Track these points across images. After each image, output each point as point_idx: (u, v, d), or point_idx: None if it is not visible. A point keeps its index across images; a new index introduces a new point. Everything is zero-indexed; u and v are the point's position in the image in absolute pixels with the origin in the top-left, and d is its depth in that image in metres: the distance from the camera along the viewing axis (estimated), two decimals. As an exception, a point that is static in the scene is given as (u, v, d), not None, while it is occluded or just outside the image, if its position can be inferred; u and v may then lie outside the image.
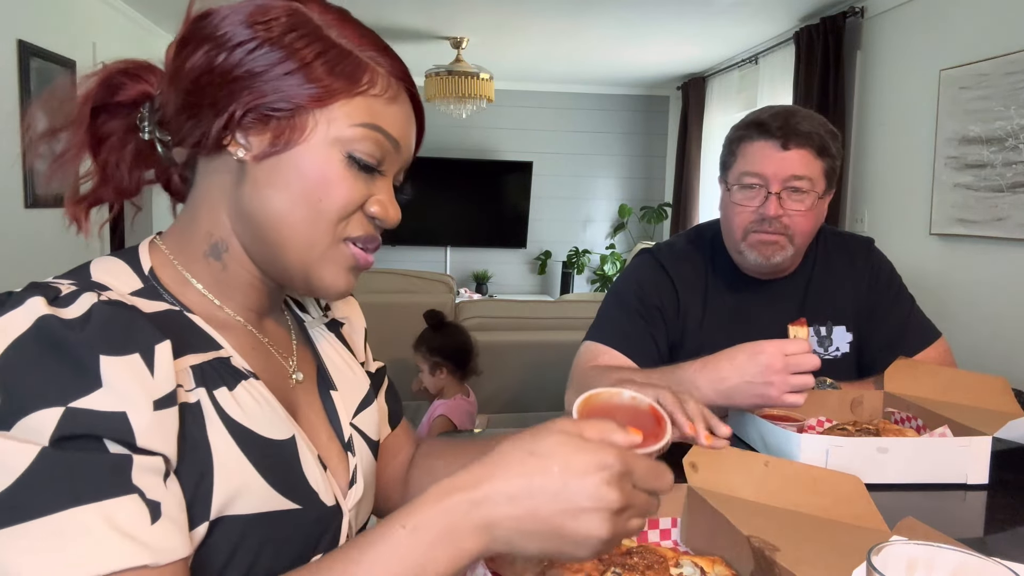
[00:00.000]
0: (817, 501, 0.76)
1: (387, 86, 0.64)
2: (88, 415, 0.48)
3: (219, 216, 0.65)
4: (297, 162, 0.61)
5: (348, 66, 0.62)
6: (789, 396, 1.04)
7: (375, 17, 4.18)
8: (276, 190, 0.62)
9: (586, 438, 0.51)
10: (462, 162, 6.12)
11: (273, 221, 0.62)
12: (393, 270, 3.43)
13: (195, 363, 0.58)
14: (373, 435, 0.77)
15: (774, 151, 1.27)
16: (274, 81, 0.60)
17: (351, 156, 0.62)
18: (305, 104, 0.60)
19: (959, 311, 2.85)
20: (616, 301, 1.40)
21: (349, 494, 0.69)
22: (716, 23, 4.15)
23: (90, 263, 0.62)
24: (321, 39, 0.62)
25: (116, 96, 0.64)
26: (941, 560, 0.48)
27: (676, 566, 0.66)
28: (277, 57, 0.60)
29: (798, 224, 1.28)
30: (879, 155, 3.45)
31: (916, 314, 1.42)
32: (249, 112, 0.60)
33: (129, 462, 0.49)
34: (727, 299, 1.38)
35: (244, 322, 0.67)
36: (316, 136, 0.61)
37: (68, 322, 0.50)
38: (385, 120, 0.63)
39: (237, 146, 0.61)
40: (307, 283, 0.66)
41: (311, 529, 0.62)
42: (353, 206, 0.63)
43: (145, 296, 0.61)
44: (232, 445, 0.57)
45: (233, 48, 0.60)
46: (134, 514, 0.48)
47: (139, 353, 0.51)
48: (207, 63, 0.60)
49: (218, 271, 0.66)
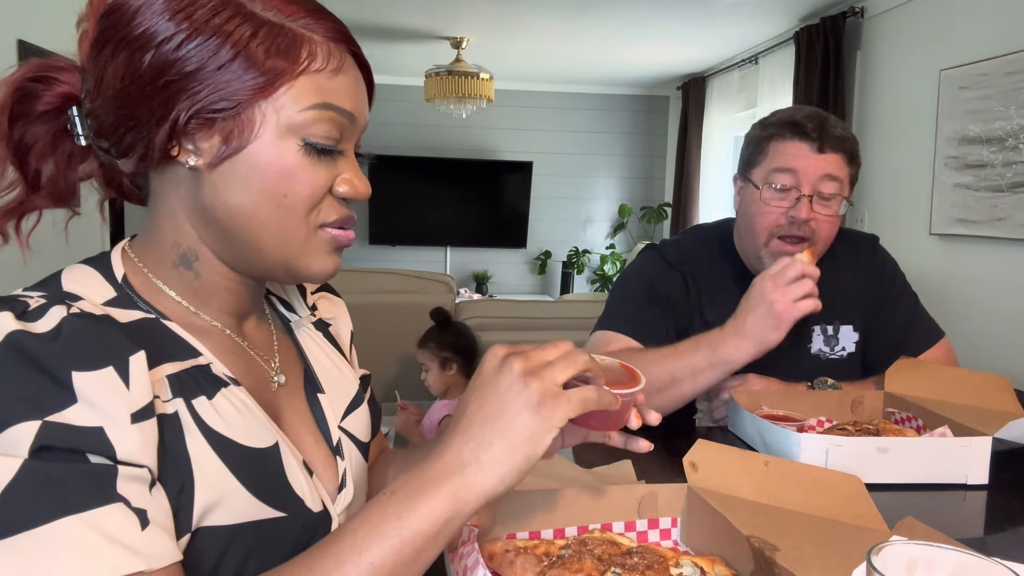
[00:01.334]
0: (817, 501, 0.76)
1: (328, 55, 0.59)
2: (66, 429, 0.47)
3: (182, 226, 0.62)
4: (253, 161, 0.58)
5: (283, 42, 0.57)
6: (799, 304, 1.09)
7: (375, 17, 4.18)
8: (237, 193, 0.59)
9: None
10: (462, 162, 6.12)
11: (242, 224, 0.60)
12: (393, 270, 3.43)
13: (172, 372, 0.57)
14: (363, 437, 0.76)
15: (809, 152, 1.25)
16: (210, 78, 0.56)
17: (307, 143, 0.59)
18: (248, 98, 0.57)
19: (959, 311, 2.85)
20: (624, 293, 1.39)
21: (338, 498, 0.68)
22: (716, 23, 4.15)
23: (61, 272, 0.60)
24: (248, 17, 0.57)
25: (34, 105, 0.59)
26: (941, 560, 0.48)
27: (676, 566, 0.66)
28: (208, 50, 0.55)
29: (824, 229, 1.27)
30: (879, 155, 3.45)
31: (920, 313, 1.41)
32: (192, 118, 0.56)
33: (113, 472, 0.48)
34: (734, 296, 1.37)
35: (222, 327, 0.65)
36: (267, 129, 0.58)
37: (39, 336, 0.49)
38: (334, 95, 0.60)
39: (187, 154, 0.58)
40: (291, 276, 0.64)
41: (298, 536, 0.61)
42: (320, 193, 0.61)
43: (119, 305, 0.59)
44: (211, 455, 0.56)
45: (157, 46, 0.55)
46: (123, 522, 0.48)
47: (113, 366, 0.50)
48: (132, 68, 0.56)
49: (191, 280, 0.63)
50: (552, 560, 0.65)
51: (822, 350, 1.37)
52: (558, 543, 0.69)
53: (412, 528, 0.51)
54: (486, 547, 0.68)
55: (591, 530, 0.73)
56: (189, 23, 0.55)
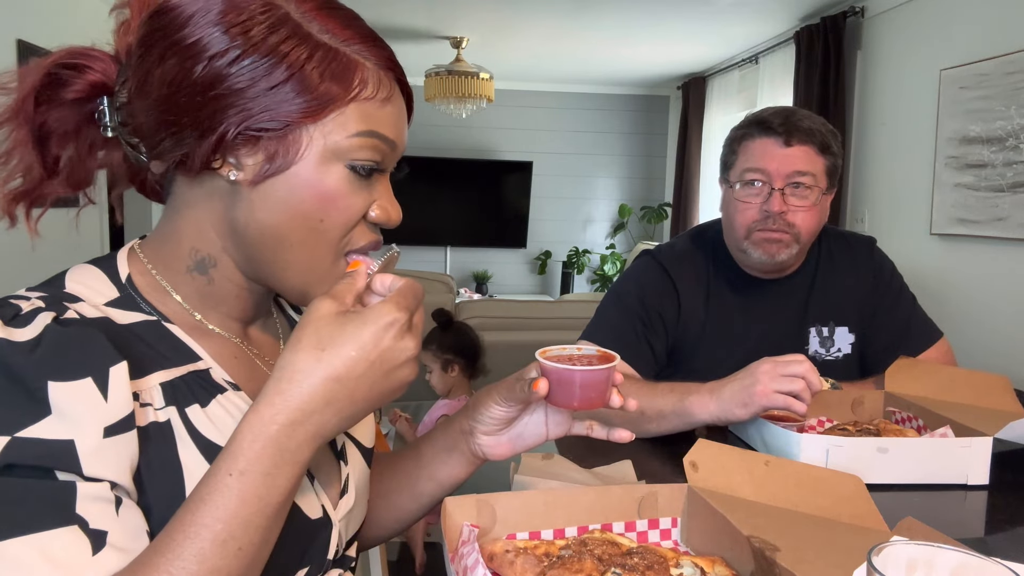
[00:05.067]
0: (817, 501, 0.76)
1: (378, 84, 0.59)
2: (34, 444, 0.47)
3: (206, 233, 0.61)
4: (294, 182, 0.57)
5: (338, 68, 0.57)
6: (777, 396, 1.03)
7: (375, 17, 4.18)
8: (273, 213, 0.58)
9: (353, 307, 0.55)
10: (462, 162, 6.12)
11: (271, 244, 0.59)
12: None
13: (165, 380, 0.56)
14: (367, 442, 0.76)
15: (777, 147, 1.27)
16: (261, 97, 0.55)
17: (351, 166, 0.59)
18: (297, 120, 0.56)
19: (959, 311, 2.85)
20: (616, 303, 1.40)
21: (340, 504, 0.68)
22: (716, 23, 4.15)
23: (66, 272, 0.60)
24: (304, 39, 0.56)
25: (63, 92, 0.59)
26: (941, 560, 0.48)
27: (676, 566, 0.66)
28: (262, 69, 0.55)
29: (802, 221, 1.28)
30: (879, 155, 3.45)
31: (918, 314, 1.41)
32: (239, 133, 0.56)
33: (74, 491, 0.48)
34: (729, 299, 1.38)
35: (227, 332, 0.65)
36: (311, 152, 0.57)
37: (18, 345, 0.49)
38: (381, 123, 0.60)
39: (229, 168, 0.58)
40: (303, 300, 0.64)
41: (293, 543, 0.61)
42: (356, 219, 0.60)
43: (121, 306, 0.59)
44: (204, 464, 0.55)
45: (211, 59, 0.54)
46: (71, 545, 0.47)
47: (91, 377, 0.50)
48: (182, 76, 0.55)
49: (203, 285, 0.63)
50: (552, 560, 0.65)
51: (818, 351, 1.37)
52: (558, 543, 0.69)
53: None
54: (486, 547, 0.68)
55: (591, 530, 0.73)
56: (244, 39, 0.55)
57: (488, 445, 0.76)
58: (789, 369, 1.05)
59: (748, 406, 1.06)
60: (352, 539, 0.72)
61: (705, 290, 1.38)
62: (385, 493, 0.83)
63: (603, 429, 0.75)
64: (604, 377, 0.69)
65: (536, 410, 0.76)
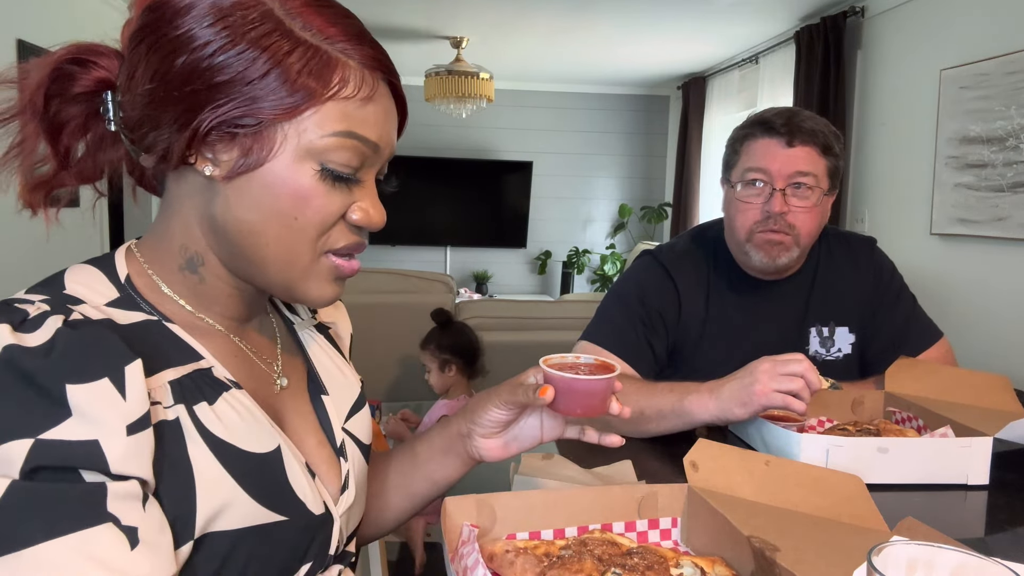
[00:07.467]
0: (817, 501, 0.76)
1: (360, 83, 0.58)
2: (59, 446, 0.47)
3: (192, 230, 0.62)
4: (268, 180, 0.57)
5: (316, 66, 0.57)
6: (776, 395, 1.03)
7: (375, 16, 4.18)
8: (248, 209, 0.58)
9: None
10: (462, 162, 6.12)
11: (249, 240, 0.60)
12: (393, 270, 3.42)
13: (173, 378, 0.57)
14: (365, 439, 0.76)
15: (779, 148, 1.27)
16: (237, 92, 0.55)
17: (324, 168, 0.58)
18: (273, 117, 0.56)
19: (959, 311, 2.85)
20: (617, 303, 1.39)
21: (340, 500, 0.68)
22: (716, 23, 4.15)
23: (64, 272, 0.60)
24: (285, 35, 0.56)
25: (71, 87, 0.60)
26: (941, 560, 0.48)
27: (676, 566, 0.66)
28: (242, 62, 0.55)
29: (803, 222, 1.27)
30: (879, 155, 3.45)
31: (918, 314, 1.41)
32: (213, 129, 0.56)
33: (103, 490, 0.48)
34: (730, 299, 1.38)
35: (225, 330, 0.65)
36: (286, 150, 0.57)
37: (32, 350, 0.49)
38: (361, 124, 0.59)
39: (204, 162, 0.58)
40: (290, 297, 0.64)
41: (298, 539, 0.61)
42: (332, 219, 0.60)
43: (121, 306, 0.59)
44: (213, 461, 0.56)
45: (191, 51, 0.55)
46: (111, 543, 0.47)
47: (108, 377, 0.50)
48: (164, 69, 0.56)
49: (195, 283, 0.63)
50: (552, 560, 0.65)
51: (818, 351, 1.37)
52: (558, 543, 0.69)
53: None
54: (486, 547, 0.68)
55: (591, 530, 0.73)
56: (226, 33, 0.55)
57: (485, 447, 0.78)
58: (788, 368, 1.05)
59: (747, 405, 1.06)
60: (352, 535, 0.73)
61: (705, 290, 1.38)
62: (381, 492, 0.84)
63: (595, 433, 0.77)
64: (607, 386, 0.73)
65: (532, 413, 0.78)
